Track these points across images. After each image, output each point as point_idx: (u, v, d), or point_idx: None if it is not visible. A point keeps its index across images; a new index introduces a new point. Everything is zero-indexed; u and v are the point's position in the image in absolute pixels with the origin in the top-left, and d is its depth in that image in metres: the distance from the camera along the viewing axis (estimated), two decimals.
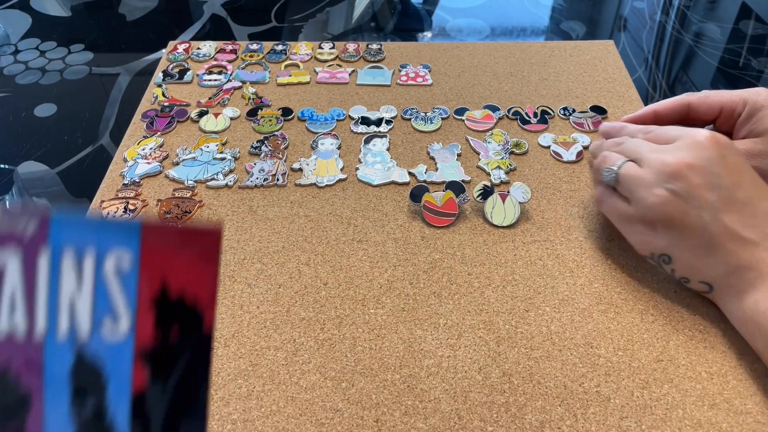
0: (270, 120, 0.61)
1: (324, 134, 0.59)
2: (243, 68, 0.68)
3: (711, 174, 0.38)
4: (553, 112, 0.61)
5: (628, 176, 0.41)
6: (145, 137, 0.59)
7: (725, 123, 0.46)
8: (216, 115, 0.61)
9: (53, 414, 0.16)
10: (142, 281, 0.16)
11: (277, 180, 0.54)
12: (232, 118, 0.61)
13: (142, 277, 0.16)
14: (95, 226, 0.15)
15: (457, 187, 0.51)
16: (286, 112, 0.62)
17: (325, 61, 0.69)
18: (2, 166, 0.58)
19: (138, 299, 0.16)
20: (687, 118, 0.47)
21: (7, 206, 0.14)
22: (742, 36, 0.76)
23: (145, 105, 0.63)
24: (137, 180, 0.54)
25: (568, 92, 0.64)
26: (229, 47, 0.71)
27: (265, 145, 0.57)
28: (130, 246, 0.15)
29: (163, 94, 0.64)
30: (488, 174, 0.54)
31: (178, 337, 0.16)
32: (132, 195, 0.52)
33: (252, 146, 0.57)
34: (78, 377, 0.16)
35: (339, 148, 0.57)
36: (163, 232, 0.16)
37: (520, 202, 0.50)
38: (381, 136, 0.58)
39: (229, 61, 0.69)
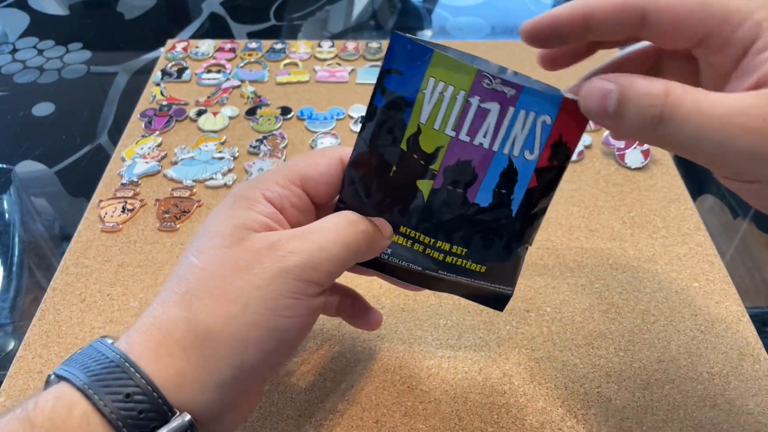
0: (269, 119, 0.60)
1: (323, 133, 0.59)
2: (242, 67, 0.68)
3: None
4: None
5: None
6: (144, 136, 0.58)
7: (710, 54, 0.25)
8: (215, 114, 0.61)
9: (484, 189, 0.30)
10: (553, 132, 0.28)
11: None
12: (230, 117, 0.61)
13: (553, 130, 0.28)
14: (541, 99, 0.27)
15: None
16: (285, 111, 0.61)
17: (325, 59, 0.69)
18: (0, 165, 0.58)
19: (547, 141, 0.28)
20: (633, 36, 0.28)
21: (507, 75, 0.28)
22: None
23: (143, 104, 0.63)
24: (135, 179, 0.53)
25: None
26: (228, 46, 0.71)
27: (264, 145, 0.57)
28: (552, 113, 0.28)
29: (162, 93, 0.64)
30: None
31: (557, 164, 0.29)
32: (130, 194, 0.52)
33: (251, 145, 0.57)
34: (505, 174, 0.29)
35: None
36: (568, 106, 0.27)
37: None
38: None
39: (228, 60, 0.69)
